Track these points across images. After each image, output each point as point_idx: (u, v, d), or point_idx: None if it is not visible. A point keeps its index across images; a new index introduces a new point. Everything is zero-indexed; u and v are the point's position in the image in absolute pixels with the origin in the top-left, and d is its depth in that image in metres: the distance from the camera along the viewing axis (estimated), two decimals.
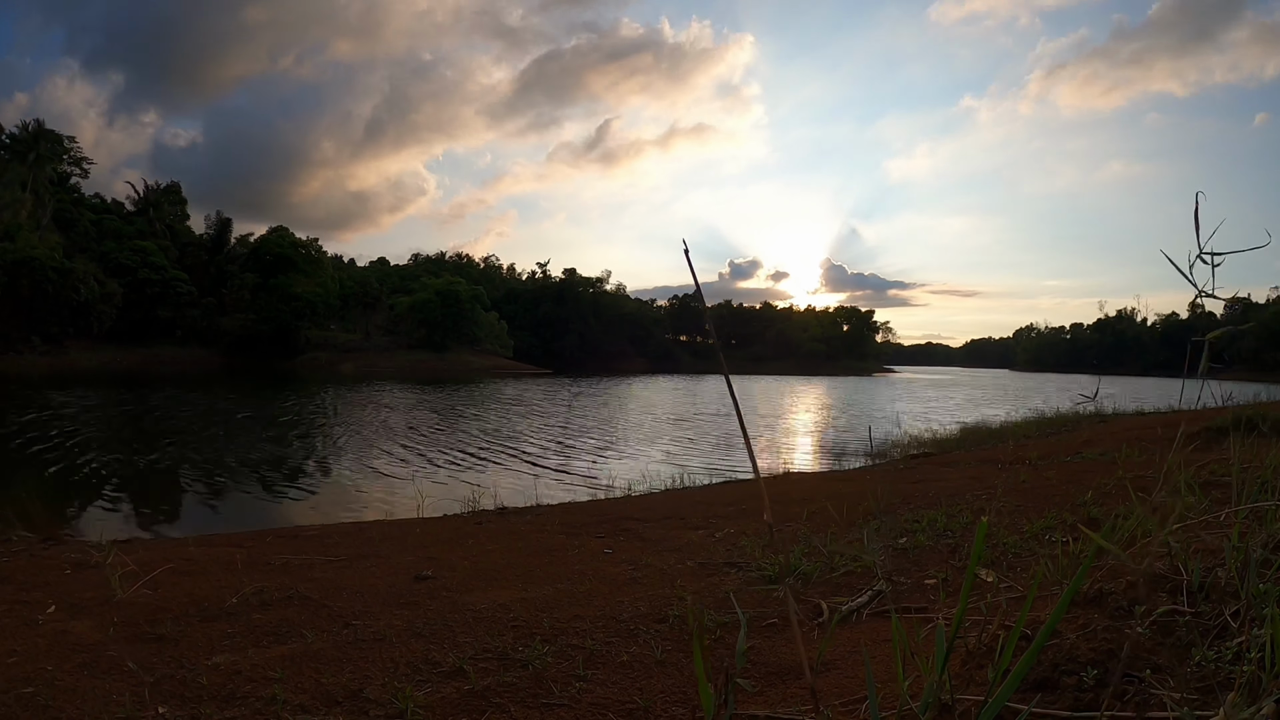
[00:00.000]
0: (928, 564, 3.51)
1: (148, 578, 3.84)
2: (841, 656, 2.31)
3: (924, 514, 4.61)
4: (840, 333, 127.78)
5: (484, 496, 8.51)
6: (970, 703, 1.49)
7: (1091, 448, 8.17)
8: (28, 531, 6.11)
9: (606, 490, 10.28)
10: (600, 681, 2.36)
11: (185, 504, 10.00)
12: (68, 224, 59.42)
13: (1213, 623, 1.61)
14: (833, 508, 4.94)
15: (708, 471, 12.73)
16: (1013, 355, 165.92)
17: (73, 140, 64.94)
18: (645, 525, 5.58)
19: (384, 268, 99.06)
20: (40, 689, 2.42)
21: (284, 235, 72.33)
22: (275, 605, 3.45)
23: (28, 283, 51.54)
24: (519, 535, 5.59)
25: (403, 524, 6.90)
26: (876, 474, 8.93)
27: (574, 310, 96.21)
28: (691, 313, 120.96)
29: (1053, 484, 5.54)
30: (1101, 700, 1.43)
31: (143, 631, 3.07)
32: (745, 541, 4.50)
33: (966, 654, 1.79)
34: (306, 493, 10.94)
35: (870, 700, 1.29)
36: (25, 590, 3.85)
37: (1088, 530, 2.01)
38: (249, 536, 6.15)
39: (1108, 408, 16.43)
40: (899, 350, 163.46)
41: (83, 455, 13.30)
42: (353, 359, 67.18)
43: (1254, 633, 1.43)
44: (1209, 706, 1.34)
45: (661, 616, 3.01)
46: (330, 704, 2.26)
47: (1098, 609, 1.82)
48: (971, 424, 16.85)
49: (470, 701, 2.25)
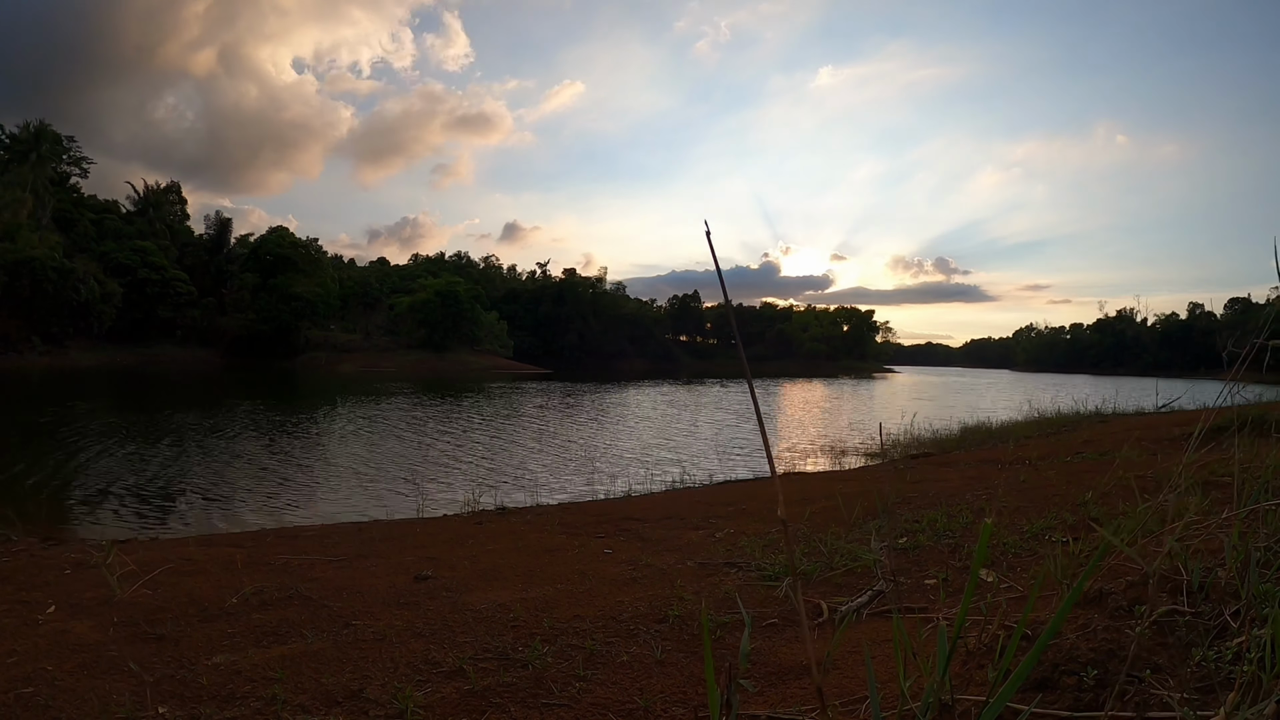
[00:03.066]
0: (928, 564, 3.51)
1: (148, 578, 3.84)
2: (842, 656, 2.31)
3: (924, 514, 4.61)
4: (840, 333, 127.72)
5: (484, 496, 8.51)
6: (971, 703, 1.49)
7: (1091, 448, 8.17)
8: (28, 532, 6.11)
9: (606, 490, 10.28)
10: (600, 681, 2.36)
11: (185, 504, 9.99)
12: (68, 224, 59.38)
13: (1213, 623, 1.61)
14: (834, 507, 4.94)
15: (706, 473, 12.73)
16: (1013, 355, 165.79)
17: (73, 140, 64.99)
18: (645, 525, 5.58)
19: (384, 267, 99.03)
20: (40, 689, 2.42)
21: (284, 235, 72.31)
22: (275, 605, 3.45)
23: (28, 283, 51.52)
24: (519, 535, 5.59)
25: (403, 524, 6.90)
26: (877, 474, 8.93)
27: (574, 310, 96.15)
28: (691, 313, 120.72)
29: (1053, 484, 5.54)
30: (1101, 700, 1.43)
31: (143, 631, 3.06)
32: (745, 541, 4.50)
33: (967, 654, 1.79)
34: (307, 493, 10.94)
35: (871, 700, 1.29)
36: (25, 590, 3.85)
37: (1098, 527, 2.01)
38: (249, 536, 6.15)
39: (1108, 408, 16.43)
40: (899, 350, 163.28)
41: (83, 455, 13.30)
42: (352, 359, 67.13)
43: (1254, 633, 1.43)
44: (1209, 706, 1.34)
45: (661, 616, 3.01)
46: (330, 704, 2.26)
47: (1098, 609, 1.82)
48: (972, 424, 16.83)
49: (470, 701, 2.25)
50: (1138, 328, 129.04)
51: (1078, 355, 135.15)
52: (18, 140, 59.43)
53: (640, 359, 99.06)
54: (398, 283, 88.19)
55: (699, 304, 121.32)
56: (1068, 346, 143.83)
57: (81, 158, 66.09)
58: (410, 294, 78.93)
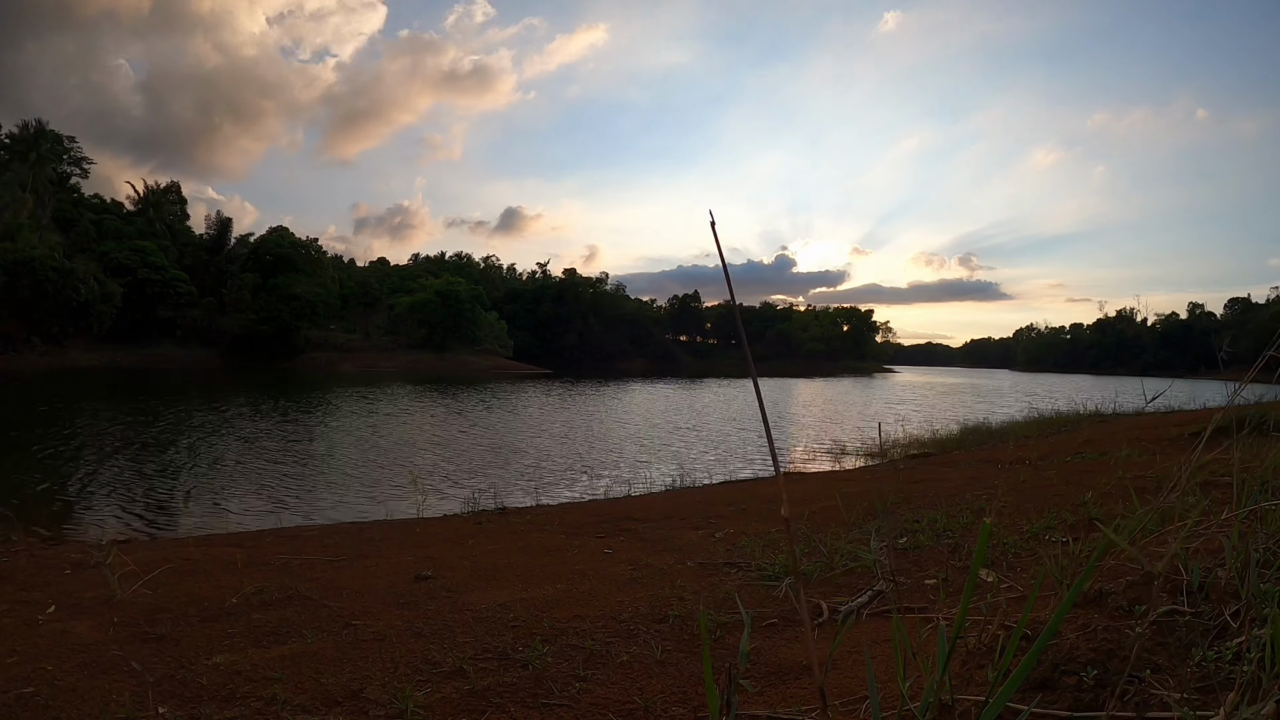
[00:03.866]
0: (928, 564, 3.51)
1: (148, 578, 3.83)
2: (841, 656, 2.31)
3: (924, 514, 4.61)
4: (840, 333, 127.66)
5: (484, 496, 8.51)
6: (970, 703, 1.49)
7: (1092, 448, 8.17)
8: (28, 532, 6.11)
9: (606, 490, 10.28)
10: (600, 681, 2.36)
11: (185, 504, 9.99)
12: (68, 224, 59.38)
13: (1213, 623, 1.61)
14: (834, 507, 4.94)
15: (707, 473, 12.74)
16: (1013, 355, 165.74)
17: (73, 140, 65.04)
18: (645, 525, 5.58)
19: (384, 268, 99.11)
20: (40, 689, 2.42)
21: (284, 235, 72.33)
22: (275, 605, 3.45)
23: (28, 283, 51.49)
24: (519, 535, 5.59)
25: (403, 524, 6.90)
26: (877, 474, 8.93)
27: (574, 310, 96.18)
28: (692, 313, 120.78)
29: (1053, 484, 5.54)
30: (1101, 700, 1.43)
31: (143, 631, 3.06)
32: (745, 541, 4.50)
33: (966, 654, 1.79)
34: (307, 493, 10.94)
35: (871, 700, 1.29)
36: (25, 590, 3.86)
37: (1102, 525, 2.01)
38: (249, 536, 6.16)
39: (1107, 408, 16.43)
40: (899, 350, 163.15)
41: (83, 455, 13.30)
42: (353, 359, 67.16)
43: (1254, 633, 1.43)
44: (1209, 706, 1.34)
45: (661, 616, 3.01)
46: (330, 704, 2.26)
47: (1098, 609, 1.82)
48: (972, 424, 16.84)
49: (470, 701, 2.25)
50: (1138, 328, 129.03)
51: (1078, 355, 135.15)
52: (17, 140, 59.43)
53: (640, 359, 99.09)
54: (398, 283, 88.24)
55: (699, 304, 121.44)
56: (1068, 346, 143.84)
57: (82, 158, 66.17)
58: (410, 294, 78.99)
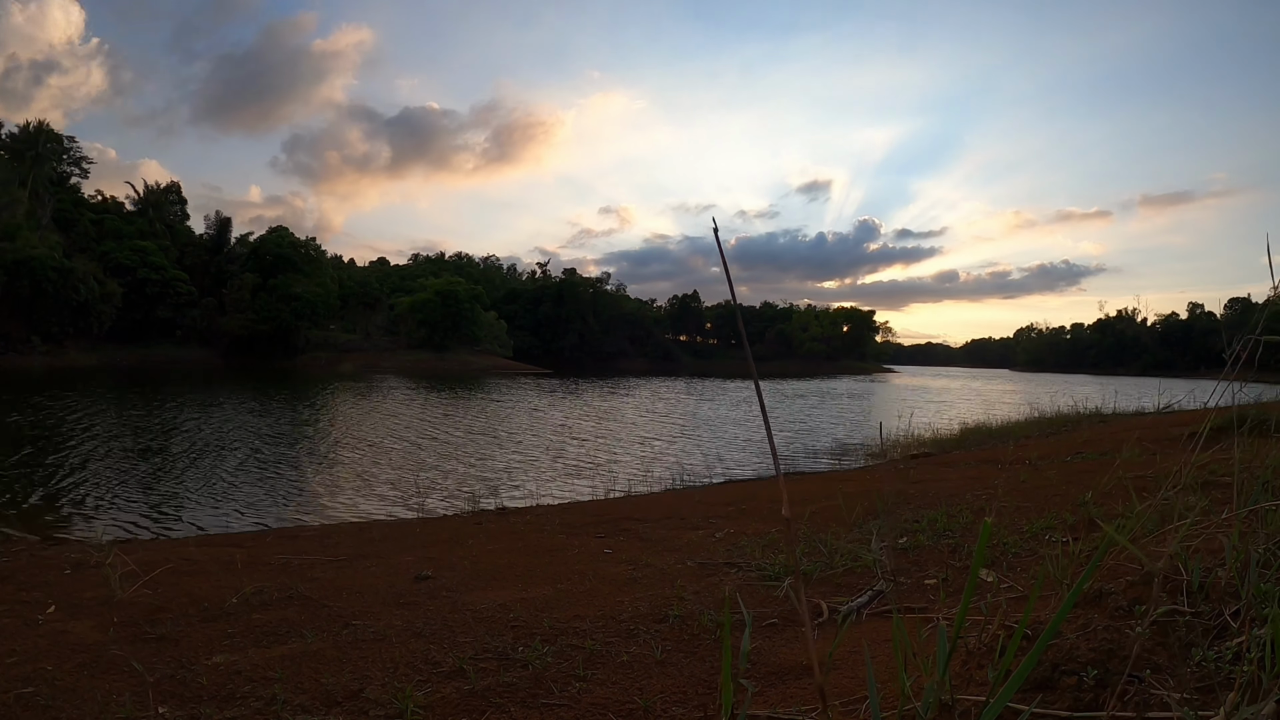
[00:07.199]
0: (928, 564, 3.51)
1: (148, 578, 3.83)
2: (841, 656, 2.31)
3: (924, 514, 4.61)
4: (840, 333, 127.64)
5: (484, 496, 8.51)
6: (971, 703, 1.49)
7: (1092, 448, 8.17)
8: (28, 532, 6.11)
9: (606, 490, 10.28)
10: (600, 681, 2.36)
11: (185, 504, 9.99)
12: (68, 224, 59.36)
13: (1213, 623, 1.61)
14: (834, 507, 4.94)
15: (707, 473, 12.73)
16: (1013, 355, 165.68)
17: (73, 140, 65.06)
18: (645, 525, 5.58)
19: (384, 268, 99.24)
20: (40, 689, 2.42)
21: (284, 235, 72.30)
22: (275, 605, 3.45)
23: (28, 282, 51.46)
24: (519, 535, 5.59)
25: (403, 524, 6.91)
26: (877, 474, 8.93)
27: (574, 310, 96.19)
28: (691, 313, 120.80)
29: (1053, 484, 5.54)
30: (1101, 700, 1.43)
31: (143, 631, 3.06)
32: (745, 541, 4.50)
33: (967, 654, 1.79)
34: (306, 493, 10.94)
35: (871, 700, 1.29)
36: (25, 590, 3.86)
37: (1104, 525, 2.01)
38: (249, 536, 6.16)
39: (1108, 408, 16.44)
40: (899, 350, 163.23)
41: (83, 455, 13.30)
42: (352, 359, 67.15)
43: (1254, 633, 1.43)
44: (1209, 706, 1.34)
45: (661, 616, 3.01)
46: (330, 704, 2.26)
47: (1098, 609, 1.82)
48: (972, 424, 16.84)
49: (470, 701, 2.25)
50: (1138, 327, 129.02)
51: (1078, 355, 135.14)
52: (17, 139, 59.43)
53: (640, 359, 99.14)
54: (398, 283, 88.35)
55: (699, 304, 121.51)
56: (1068, 346, 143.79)
57: (82, 158, 66.18)
58: (410, 294, 79.01)
